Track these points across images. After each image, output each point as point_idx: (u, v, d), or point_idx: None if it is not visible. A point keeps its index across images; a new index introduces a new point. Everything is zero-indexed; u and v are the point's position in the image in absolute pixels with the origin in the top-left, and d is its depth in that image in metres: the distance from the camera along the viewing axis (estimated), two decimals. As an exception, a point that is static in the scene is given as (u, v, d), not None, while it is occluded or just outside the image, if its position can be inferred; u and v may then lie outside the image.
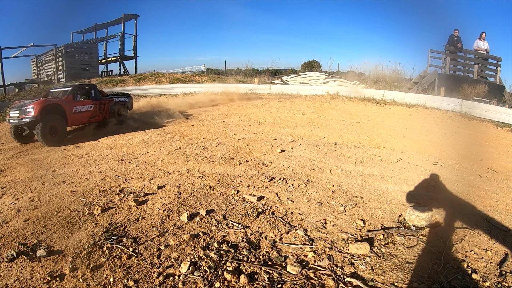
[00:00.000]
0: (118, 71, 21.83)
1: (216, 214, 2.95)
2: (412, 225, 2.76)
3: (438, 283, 2.01)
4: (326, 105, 10.68)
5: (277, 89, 14.56)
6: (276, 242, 2.49)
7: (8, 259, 2.23)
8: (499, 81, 12.35)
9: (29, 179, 4.06)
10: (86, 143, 6.10)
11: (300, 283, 2.00)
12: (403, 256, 2.33)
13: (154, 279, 2.04)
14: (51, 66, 19.58)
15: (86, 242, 2.47)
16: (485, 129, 8.01)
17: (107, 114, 7.52)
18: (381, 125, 7.51)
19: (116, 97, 8.00)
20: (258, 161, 4.54)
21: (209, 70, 21.74)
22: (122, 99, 8.13)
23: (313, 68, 20.14)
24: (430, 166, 4.50)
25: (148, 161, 4.64)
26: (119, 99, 8.02)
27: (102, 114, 7.36)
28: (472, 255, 2.37)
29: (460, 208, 3.17)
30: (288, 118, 8.14)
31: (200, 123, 7.68)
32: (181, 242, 2.46)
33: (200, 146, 5.38)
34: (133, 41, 21.54)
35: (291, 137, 6.03)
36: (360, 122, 7.67)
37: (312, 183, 3.75)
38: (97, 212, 2.97)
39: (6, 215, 3.01)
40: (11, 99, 13.50)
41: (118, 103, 7.90)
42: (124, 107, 8.13)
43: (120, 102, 7.98)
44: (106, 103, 7.47)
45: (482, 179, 4.13)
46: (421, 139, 6.18)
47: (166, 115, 8.78)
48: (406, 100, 11.25)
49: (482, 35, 11.95)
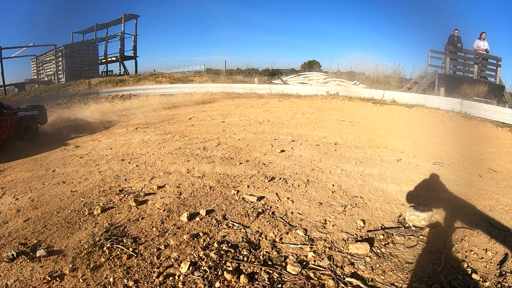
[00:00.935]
0: (118, 71, 21.83)
1: (216, 214, 2.95)
2: (412, 225, 2.76)
3: (438, 283, 2.01)
4: (326, 105, 10.68)
5: (277, 89, 14.55)
6: (276, 242, 2.50)
7: (8, 259, 2.23)
8: (499, 81, 12.35)
9: (29, 179, 4.06)
10: (86, 143, 6.10)
11: (300, 283, 2.00)
12: (403, 256, 2.33)
13: (154, 279, 2.04)
14: (51, 66, 19.59)
15: (86, 242, 2.47)
16: (485, 129, 8.01)
17: (11, 132, 6.35)
18: (381, 125, 7.51)
19: (22, 112, 6.71)
20: (258, 161, 4.54)
21: (209, 70, 21.73)
22: (29, 113, 6.85)
23: (313, 68, 20.12)
24: (430, 166, 4.50)
25: (148, 161, 4.64)
26: (26, 113, 6.73)
27: (5, 132, 6.20)
28: (472, 255, 2.38)
29: (460, 208, 3.17)
30: (288, 118, 8.14)
31: (200, 123, 7.68)
32: (181, 242, 2.47)
33: (200, 146, 5.38)
34: (133, 41, 21.53)
35: (291, 137, 6.03)
36: (360, 122, 7.68)
37: (312, 183, 3.75)
38: (97, 212, 2.97)
39: (6, 215, 3.01)
40: (11, 99, 13.51)
41: (25, 118, 6.65)
42: (34, 122, 6.92)
43: (27, 116, 6.71)
44: (8, 119, 6.33)
45: (482, 179, 4.13)
46: (421, 139, 6.17)
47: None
48: (406, 100, 11.24)
49: (482, 35, 11.95)
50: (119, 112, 10.03)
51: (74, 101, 12.52)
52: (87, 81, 16.53)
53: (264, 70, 19.98)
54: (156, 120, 8.26)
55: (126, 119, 8.71)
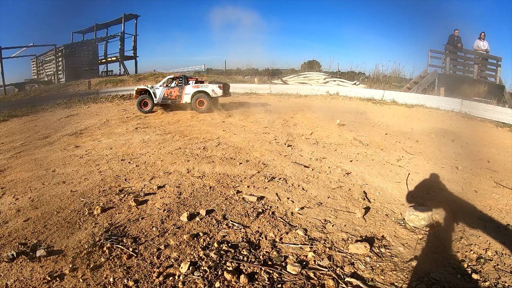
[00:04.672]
0: (118, 71, 21.83)
1: (216, 214, 2.95)
2: (412, 225, 2.76)
3: (438, 283, 2.01)
4: (326, 105, 10.68)
5: (277, 89, 14.56)
6: (276, 242, 2.50)
7: (8, 259, 2.23)
8: (499, 81, 12.35)
9: (29, 179, 4.05)
10: (86, 143, 6.10)
11: (300, 283, 2.00)
12: (403, 256, 2.33)
13: (154, 279, 2.04)
14: (51, 66, 19.59)
15: (86, 242, 2.47)
16: (485, 129, 8.01)
17: None
18: (381, 125, 7.52)
19: None
20: (258, 161, 4.54)
21: (209, 70, 21.74)
22: None
23: (313, 68, 20.12)
24: (430, 166, 4.50)
25: (148, 161, 4.64)
26: None
27: None
28: (472, 255, 2.38)
29: (460, 208, 3.17)
30: (288, 118, 8.15)
31: (200, 123, 7.68)
32: (181, 242, 2.47)
33: (200, 146, 5.38)
34: (133, 41, 21.54)
35: (291, 137, 6.03)
36: (361, 122, 7.68)
37: (312, 183, 3.75)
38: (97, 212, 2.97)
39: (6, 215, 3.01)
40: (11, 99, 13.51)
41: None
42: None
43: None
44: None
45: (482, 179, 4.13)
46: (421, 139, 6.18)
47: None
48: (406, 100, 11.25)
49: (482, 35, 11.95)
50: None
51: (74, 101, 12.52)
52: (87, 81, 16.53)
53: (264, 70, 19.98)
54: (156, 120, 8.26)
55: (126, 119, 8.71)
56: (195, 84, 9.14)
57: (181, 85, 9.18)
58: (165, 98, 9.23)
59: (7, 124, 8.73)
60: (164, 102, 9.30)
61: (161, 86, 9.38)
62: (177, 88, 9.17)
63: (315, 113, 8.95)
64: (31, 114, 10.21)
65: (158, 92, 9.23)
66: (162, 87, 9.29)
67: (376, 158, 4.78)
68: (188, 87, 9.10)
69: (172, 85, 9.34)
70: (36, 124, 8.38)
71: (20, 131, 7.52)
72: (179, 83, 9.27)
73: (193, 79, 9.37)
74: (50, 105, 11.66)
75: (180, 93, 9.13)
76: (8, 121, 9.15)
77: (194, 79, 9.38)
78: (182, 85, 9.16)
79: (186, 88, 9.10)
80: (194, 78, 9.49)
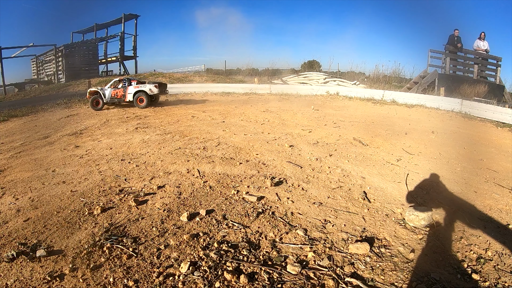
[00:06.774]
0: (118, 71, 21.85)
1: (216, 214, 2.95)
2: (412, 225, 2.76)
3: (438, 283, 2.01)
4: (326, 105, 10.68)
5: (277, 89, 14.56)
6: (276, 242, 2.50)
7: (8, 259, 2.23)
8: (499, 81, 12.37)
9: (29, 179, 4.05)
10: (86, 143, 6.10)
11: (300, 283, 2.00)
12: (403, 256, 2.33)
13: (154, 279, 2.04)
14: (51, 66, 19.60)
15: (86, 242, 2.47)
16: (485, 129, 8.01)
17: None
18: (381, 125, 7.52)
19: None
20: (258, 161, 4.54)
21: (209, 70, 21.75)
22: None
23: (313, 68, 20.14)
24: (430, 166, 4.50)
25: (148, 161, 4.64)
26: None
27: None
28: (472, 255, 2.38)
29: (460, 208, 3.17)
30: (288, 118, 8.15)
31: (200, 123, 7.68)
32: (181, 242, 2.47)
33: (200, 146, 5.38)
34: (133, 41, 21.57)
35: (291, 137, 6.03)
36: (360, 122, 7.68)
37: (312, 183, 3.75)
38: (97, 212, 2.97)
39: (6, 215, 3.01)
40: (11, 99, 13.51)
41: None
42: None
43: None
44: None
45: (482, 179, 4.13)
46: (421, 139, 6.18)
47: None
48: (406, 100, 11.26)
49: (482, 35, 11.96)
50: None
51: (74, 101, 12.51)
52: (87, 81, 16.53)
53: (264, 70, 20.00)
54: (156, 120, 8.26)
55: (126, 119, 8.70)
56: (136, 85, 10.57)
57: (125, 86, 10.59)
58: (113, 98, 10.56)
59: (7, 124, 8.73)
60: (112, 101, 10.65)
61: (109, 87, 10.67)
62: (122, 89, 10.55)
63: (314, 113, 8.95)
64: (31, 114, 10.20)
65: (107, 92, 10.51)
66: (110, 88, 10.60)
67: (376, 158, 4.78)
68: (130, 88, 10.52)
69: (119, 86, 10.71)
70: (36, 124, 8.38)
71: (20, 131, 7.52)
72: (123, 84, 10.68)
73: (135, 81, 10.87)
74: (50, 105, 11.65)
75: (124, 93, 10.52)
76: (8, 121, 9.14)
77: (135, 81, 10.87)
78: (126, 86, 10.58)
79: (129, 88, 10.51)
80: (135, 80, 11.02)
